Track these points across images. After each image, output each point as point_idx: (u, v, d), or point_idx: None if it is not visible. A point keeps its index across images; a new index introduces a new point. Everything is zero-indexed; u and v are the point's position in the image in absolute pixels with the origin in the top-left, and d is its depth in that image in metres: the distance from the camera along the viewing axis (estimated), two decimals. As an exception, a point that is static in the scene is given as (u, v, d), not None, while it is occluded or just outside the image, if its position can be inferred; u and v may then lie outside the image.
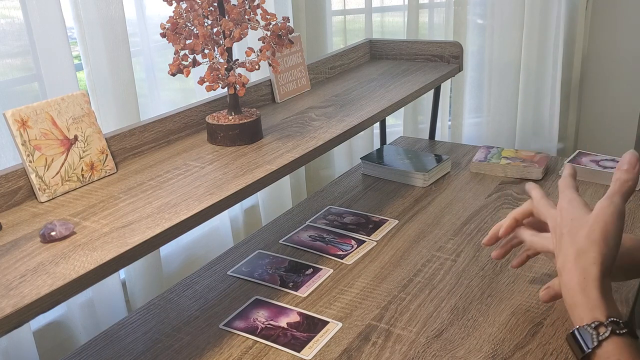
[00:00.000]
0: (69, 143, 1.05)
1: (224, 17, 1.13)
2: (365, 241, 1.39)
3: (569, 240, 0.69)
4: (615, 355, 0.62)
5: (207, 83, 1.14)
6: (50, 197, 1.00)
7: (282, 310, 1.15)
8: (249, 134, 1.22)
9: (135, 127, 1.19)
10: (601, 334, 0.62)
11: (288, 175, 1.83)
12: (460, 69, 1.84)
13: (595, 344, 0.62)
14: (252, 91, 1.44)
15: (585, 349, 0.63)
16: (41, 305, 0.73)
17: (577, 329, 0.65)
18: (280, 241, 1.41)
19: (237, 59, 1.17)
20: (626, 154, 0.72)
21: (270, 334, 1.09)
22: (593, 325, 0.63)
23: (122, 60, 1.48)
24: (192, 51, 1.13)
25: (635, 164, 0.70)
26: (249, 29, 1.14)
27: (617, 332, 0.62)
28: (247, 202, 2.06)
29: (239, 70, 1.17)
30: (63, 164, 1.03)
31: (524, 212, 0.93)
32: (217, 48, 1.14)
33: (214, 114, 1.26)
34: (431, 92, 1.93)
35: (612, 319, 0.63)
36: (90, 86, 1.47)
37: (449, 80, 2.28)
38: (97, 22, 1.42)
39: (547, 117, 2.79)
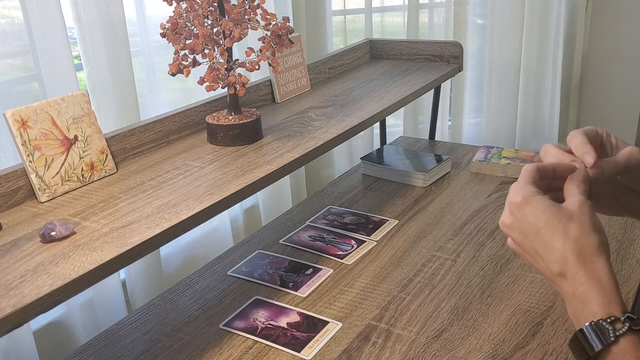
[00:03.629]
0: (69, 143, 1.05)
1: (224, 17, 1.13)
2: (365, 241, 1.39)
3: (560, 236, 0.66)
4: (632, 352, 0.59)
5: (207, 83, 1.14)
6: (50, 197, 1.00)
7: (282, 310, 1.15)
8: (249, 134, 1.22)
9: (135, 127, 1.19)
10: (618, 329, 0.61)
11: (288, 175, 1.83)
12: (460, 69, 1.84)
13: (612, 339, 0.60)
14: (252, 91, 1.44)
15: (595, 346, 0.61)
16: (41, 305, 0.74)
17: (591, 324, 0.63)
18: (280, 241, 1.41)
19: (237, 59, 1.17)
20: (577, 173, 0.70)
21: (270, 334, 1.09)
22: (609, 320, 0.62)
23: (122, 60, 1.48)
24: (192, 51, 1.13)
25: (587, 180, 0.70)
26: (249, 29, 1.14)
27: (634, 327, 0.61)
28: (247, 202, 2.06)
29: (239, 70, 1.17)
30: (63, 164, 1.03)
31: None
32: (217, 48, 1.14)
33: (214, 114, 1.26)
34: (431, 92, 1.93)
35: (627, 314, 0.62)
36: (90, 86, 1.47)
37: (449, 80, 2.28)
38: (97, 22, 1.42)
39: (547, 117, 2.79)
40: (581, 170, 0.69)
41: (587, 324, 0.62)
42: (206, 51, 1.13)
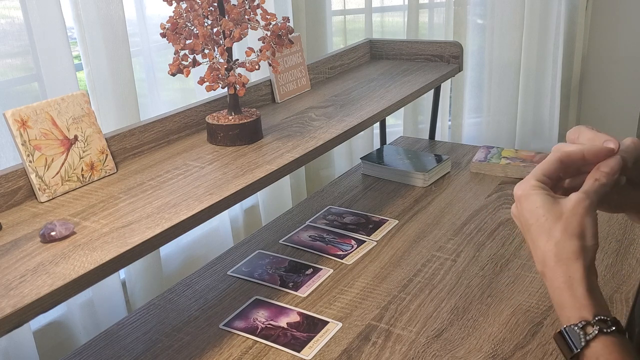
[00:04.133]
0: (69, 143, 1.05)
1: (224, 17, 1.13)
2: (365, 241, 1.39)
3: (544, 236, 0.67)
4: (603, 355, 0.61)
5: (207, 83, 1.14)
6: (50, 197, 1.00)
7: (282, 310, 1.15)
8: (249, 134, 1.22)
9: (135, 127, 1.19)
10: (589, 333, 0.62)
11: (288, 175, 1.83)
12: (460, 69, 1.84)
13: (583, 344, 0.62)
14: (252, 91, 1.44)
15: (574, 349, 0.63)
16: (41, 305, 0.74)
17: (565, 328, 0.64)
18: (280, 241, 1.41)
19: (237, 59, 1.17)
20: (612, 160, 0.68)
21: (270, 334, 1.09)
22: (580, 324, 0.63)
23: (122, 60, 1.48)
24: (192, 51, 1.13)
25: (617, 172, 0.68)
26: (249, 29, 1.14)
27: (605, 330, 0.62)
28: (247, 202, 2.06)
29: (239, 70, 1.17)
30: (63, 164, 1.03)
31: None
32: (217, 48, 1.14)
33: (214, 114, 1.26)
34: (431, 92, 1.93)
35: (599, 317, 0.63)
36: (90, 86, 1.47)
37: (449, 80, 2.28)
38: (97, 22, 1.42)
39: (547, 117, 2.79)
40: (613, 160, 0.67)
41: (563, 327, 0.64)
42: (206, 51, 1.13)
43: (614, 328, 0.62)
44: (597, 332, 0.62)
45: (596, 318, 0.62)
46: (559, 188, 0.71)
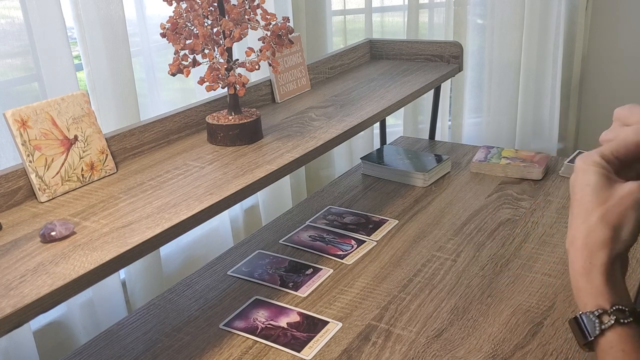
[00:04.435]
0: (69, 143, 1.05)
1: (224, 17, 1.13)
2: (365, 241, 1.39)
3: (582, 217, 0.66)
4: (618, 346, 0.60)
5: (207, 83, 1.14)
6: (50, 197, 1.00)
7: (282, 310, 1.15)
8: (249, 134, 1.22)
9: (135, 127, 1.19)
10: (604, 322, 0.61)
11: (288, 175, 1.83)
12: (460, 69, 1.84)
13: (598, 332, 0.61)
14: (252, 91, 1.44)
15: (588, 336, 0.62)
16: (41, 305, 0.74)
17: (580, 315, 0.63)
18: (280, 241, 1.41)
19: (237, 59, 1.17)
20: None
21: (270, 334, 1.09)
22: (596, 313, 0.62)
23: (122, 60, 1.48)
24: (192, 51, 1.13)
25: None
26: (249, 29, 1.14)
27: (622, 321, 0.61)
28: (247, 202, 2.06)
29: (239, 70, 1.17)
30: (63, 164, 1.03)
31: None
32: (217, 48, 1.14)
33: (214, 114, 1.26)
34: (431, 92, 1.93)
35: (617, 306, 0.62)
36: (90, 86, 1.47)
37: (449, 80, 2.28)
38: (97, 22, 1.42)
39: (547, 117, 2.79)
40: None
41: (579, 313, 0.63)
42: (206, 51, 1.13)
43: (631, 319, 0.61)
44: (613, 321, 0.61)
45: (614, 308, 0.61)
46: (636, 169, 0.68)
